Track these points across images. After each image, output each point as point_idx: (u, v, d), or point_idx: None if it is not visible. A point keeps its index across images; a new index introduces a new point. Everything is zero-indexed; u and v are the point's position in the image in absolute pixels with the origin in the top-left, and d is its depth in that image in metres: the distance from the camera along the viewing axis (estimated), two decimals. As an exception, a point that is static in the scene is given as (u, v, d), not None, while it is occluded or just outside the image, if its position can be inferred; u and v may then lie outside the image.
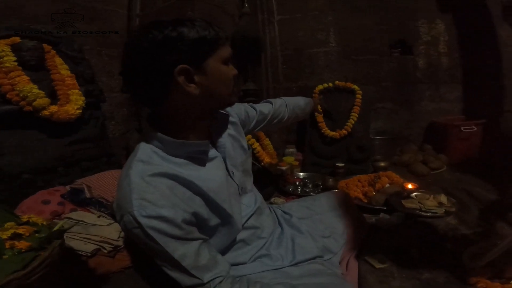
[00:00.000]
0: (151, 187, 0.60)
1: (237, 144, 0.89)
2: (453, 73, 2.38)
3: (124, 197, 0.60)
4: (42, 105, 1.30)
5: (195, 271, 0.62)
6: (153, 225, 0.58)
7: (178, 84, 0.64)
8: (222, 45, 0.69)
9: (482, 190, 1.70)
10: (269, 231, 0.89)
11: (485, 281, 0.84)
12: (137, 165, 0.63)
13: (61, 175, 1.35)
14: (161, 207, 0.59)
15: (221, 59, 0.69)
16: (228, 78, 0.72)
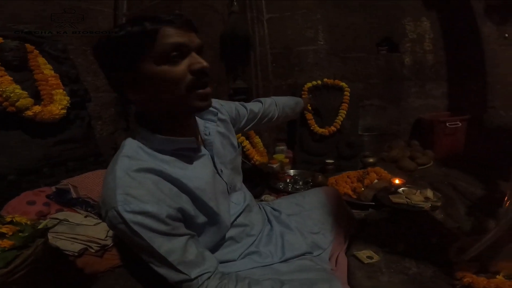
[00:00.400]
0: (136, 182, 0.59)
1: (226, 141, 0.88)
2: (438, 70, 2.43)
3: (109, 193, 0.59)
4: (26, 105, 1.28)
5: (182, 267, 0.61)
6: (137, 220, 0.57)
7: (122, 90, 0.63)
8: (154, 40, 0.58)
9: (468, 185, 1.74)
10: (259, 228, 0.90)
11: (471, 275, 0.85)
12: (123, 161, 0.62)
13: (47, 176, 1.33)
14: (146, 203, 0.58)
15: (154, 58, 0.59)
16: (169, 79, 0.60)
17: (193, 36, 0.63)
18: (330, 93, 2.25)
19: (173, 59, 0.59)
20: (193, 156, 0.72)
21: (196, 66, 0.61)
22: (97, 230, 1.03)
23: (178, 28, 0.60)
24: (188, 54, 0.62)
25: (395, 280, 0.94)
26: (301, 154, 2.24)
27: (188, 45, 0.61)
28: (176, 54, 0.60)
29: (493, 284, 0.80)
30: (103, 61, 0.64)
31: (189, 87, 0.61)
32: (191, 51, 0.62)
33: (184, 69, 0.61)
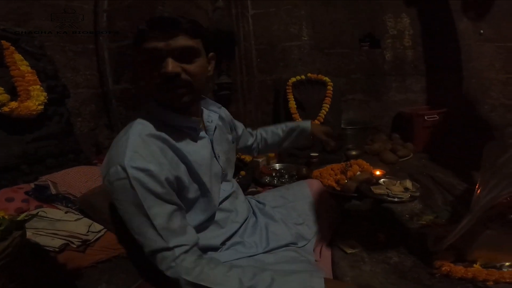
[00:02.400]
0: (145, 144, 0.65)
1: (223, 135, 0.94)
2: (417, 65, 2.50)
3: (119, 150, 0.64)
4: (2, 101, 1.24)
5: (164, 232, 0.62)
6: (138, 176, 0.61)
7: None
8: (141, 42, 0.66)
9: (445, 176, 1.80)
10: (243, 216, 0.91)
11: (449, 264, 0.87)
12: (137, 126, 0.68)
13: (25, 173, 1.30)
14: (149, 162, 0.62)
15: (141, 54, 0.67)
16: (144, 76, 0.68)
17: (174, 40, 0.66)
18: (314, 87, 2.28)
19: (150, 61, 0.66)
20: (195, 136, 0.79)
21: (161, 71, 0.66)
22: (78, 225, 1.02)
23: (160, 32, 0.65)
24: (166, 58, 0.66)
25: (377, 269, 0.97)
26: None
27: (162, 50, 0.65)
28: (151, 58, 0.66)
29: (470, 272, 0.83)
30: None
31: (158, 88, 0.68)
32: (168, 55, 0.66)
33: (155, 72, 0.67)
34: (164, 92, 0.69)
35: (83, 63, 2.06)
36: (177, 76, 0.67)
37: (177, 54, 0.67)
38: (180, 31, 0.66)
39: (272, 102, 2.56)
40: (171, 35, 0.65)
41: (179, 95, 0.70)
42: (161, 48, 0.65)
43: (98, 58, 2.12)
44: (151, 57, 0.66)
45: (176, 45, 0.66)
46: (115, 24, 2.08)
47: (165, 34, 0.65)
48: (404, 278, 0.91)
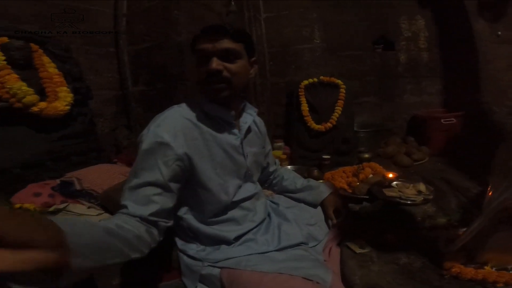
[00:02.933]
0: (173, 119, 0.77)
1: (256, 139, 1.00)
2: (433, 67, 2.46)
3: (155, 120, 0.77)
4: (32, 101, 1.33)
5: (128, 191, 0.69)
6: (151, 140, 0.71)
7: None
8: (195, 45, 0.79)
9: (460, 179, 1.77)
10: (261, 217, 0.95)
11: (459, 266, 0.87)
12: (176, 107, 0.82)
13: (51, 169, 1.38)
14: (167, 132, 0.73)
15: (196, 54, 0.80)
16: (196, 73, 0.80)
17: (222, 43, 0.78)
18: (326, 90, 2.28)
19: (201, 60, 0.78)
20: (227, 130, 0.86)
21: (206, 68, 0.77)
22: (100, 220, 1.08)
23: (205, 37, 0.78)
24: (211, 58, 0.77)
25: (386, 269, 0.97)
26: (298, 150, 2.28)
27: (208, 50, 0.77)
28: (201, 57, 0.78)
29: (480, 274, 0.83)
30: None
31: (203, 83, 0.80)
32: (213, 55, 0.77)
33: (203, 69, 0.78)
34: (208, 85, 0.79)
35: (105, 65, 2.16)
36: (219, 72, 0.77)
37: (221, 55, 0.78)
38: (225, 36, 0.78)
39: (284, 105, 2.58)
40: (217, 39, 0.77)
41: (219, 89, 0.80)
42: (208, 49, 0.77)
43: (119, 60, 2.21)
44: (201, 57, 0.78)
45: (221, 46, 0.77)
46: (134, 27, 2.18)
47: (213, 38, 0.77)
48: (413, 279, 0.91)
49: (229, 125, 0.87)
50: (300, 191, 1.13)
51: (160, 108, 0.83)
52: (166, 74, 2.06)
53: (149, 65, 2.13)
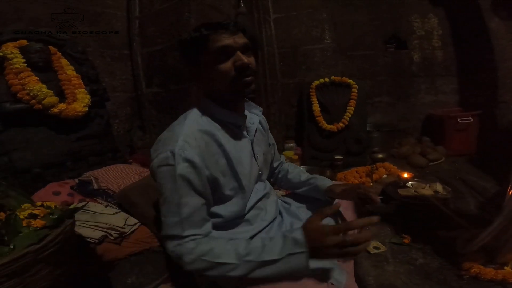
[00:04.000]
0: (195, 137, 0.72)
1: (262, 137, 0.98)
2: (448, 66, 2.42)
3: (171, 139, 0.71)
4: (51, 103, 1.37)
5: (185, 222, 0.68)
6: (183, 166, 0.67)
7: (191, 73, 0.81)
8: (207, 42, 0.74)
9: (478, 179, 1.74)
10: (272, 215, 0.94)
11: (478, 266, 0.86)
12: (191, 118, 0.77)
13: (69, 169, 1.42)
14: (196, 154, 0.69)
15: (208, 56, 0.74)
16: (218, 73, 0.74)
17: (238, 37, 0.75)
18: (337, 90, 2.27)
19: (221, 57, 0.73)
20: (238, 134, 0.84)
21: (238, 63, 0.73)
22: (117, 218, 1.10)
23: (226, 32, 0.74)
24: (234, 53, 0.74)
25: (401, 269, 0.96)
26: (309, 151, 2.27)
27: (232, 46, 0.74)
28: (223, 55, 0.74)
29: (500, 274, 0.81)
30: (181, 58, 0.83)
31: (232, 79, 0.75)
32: (236, 50, 0.74)
33: (230, 65, 0.74)
34: (238, 81, 0.75)
35: (119, 68, 2.21)
36: (249, 65, 0.75)
37: (241, 49, 0.75)
38: (239, 30, 0.76)
39: (295, 105, 2.58)
40: (235, 34, 0.75)
41: (249, 83, 0.77)
42: (232, 44, 0.73)
43: (132, 63, 2.25)
44: (220, 54, 0.73)
45: (241, 41, 0.75)
46: (146, 30, 2.21)
47: (232, 33, 0.74)
48: (429, 279, 0.90)
49: (239, 128, 0.85)
50: (305, 185, 1.09)
51: (172, 110, 0.83)
52: (178, 76, 2.08)
53: (162, 67, 2.16)
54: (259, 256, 0.65)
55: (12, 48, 1.38)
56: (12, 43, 1.41)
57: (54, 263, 0.68)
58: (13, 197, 0.77)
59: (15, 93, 1.32)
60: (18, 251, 0.60)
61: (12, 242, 0.62)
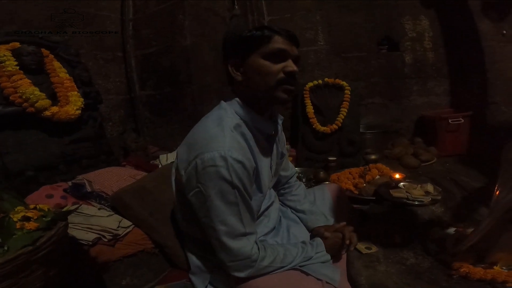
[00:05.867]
0: (238, 139, 0.74)
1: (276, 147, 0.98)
2: (439, 67, 2.46)
3: (216, 139, 0.71)
4: (44, 106, 1.37)
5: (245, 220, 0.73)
6: (236, 167, 0.68)
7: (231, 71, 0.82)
8: (267, 42, 0.76)
9: (470, 180, 1.76)
10: (274, 222, 0.96)
11: (468, 265, 0.87)
12: (229, 120, 0.77)
13: (62, 172, 1.42)
14: (243, 155, 0.71)
15: (262, 55, 0.77)
16: (267, 72, 0.76)
17: (294, 48, 0.80)
18: (331, 92, 2.30)
19: (275, 59, 0.76)
20: (264, 142, 0.86)
21: (289, 68, 0.77)
22: (110, 221, 1.10)
23: (285, 39, 0.78)
24: (286, 59, 0.78)
25: (392, 269, 0.97)
26: (304, 152, 2.29)
27: (288, 52, 0.78)
28: (277, 57, 0.77)
29: (489, 274, 0.82)
30: (228, 50, 0.86)
31: (278, 81, 0.77)
32: (289, 57, 0.78)
33: (279, 68, 0.77)
34: (282, 85, 0.77)
35: (113, 70, 2.20)
36: (296, 74, 0.78)
37: (294, 60, 0.79)
38: (296, 44, 0.81)
39: (289, 107, 2.60)
40: (292, 44, 0.79)
41: (292, 90, 0.80)
42: (288, 50, 0.77)
43: (126, 65, 2.25)
44: (276, 56, 0.76)
45: (295, 52, 0.80)
46: (140, 32, 2.21)
47: (290, 42, 0.78)
48: (420, 279, 0.91)
49: (266, 136, 0.86)
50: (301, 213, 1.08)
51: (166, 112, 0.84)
52: (173, 78, 2.09)
53: (156, 69, 2.16)
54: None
55: (5, 50, 1.37)
56: (4, 46, 1.40)
57: (48, 264, 0.68)
58: (6, 200, 0.78)
59: (7, 96, 1.31)
60: (12, 252, 0.60)
61: (6, 244, 0.63)
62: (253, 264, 0.73)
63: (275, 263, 0.76)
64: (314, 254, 0.82)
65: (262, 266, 0.74)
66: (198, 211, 0.74)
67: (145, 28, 2.19)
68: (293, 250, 0.81)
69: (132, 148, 1.97)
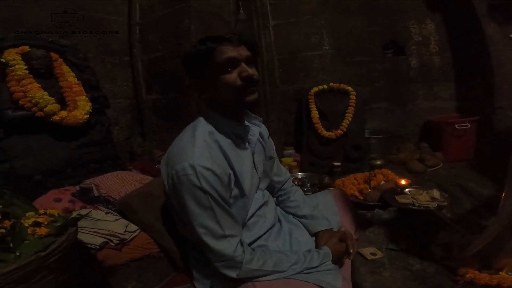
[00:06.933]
0: (209, 147, 0.76)
1: (262, 147, 1.00)
2: (445, 71, 2.44)
3: (186, 150, 0.74)
4: (53, 110, 1.38)
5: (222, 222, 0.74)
6: (205, 174, 0.71)
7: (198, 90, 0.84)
8: (213, 56, 0.77)
9: (476, 185, 1.74)
10: (271, 222, 0.96)
11: (473, 271, 0.85)
12: (201, 129, 0.80)
13: (70, 176, 1.43)
14: (213, 163, 0.73)
15: (215, 67, 0.78)
16: (225, 84, 0.78)
17: (242, 50, 0.79)
18: (336, 97, 2.29)
19: (227, 68, 0.77)
20: (240, 146, 0.88)
21: (244, 74, 0.78)
22: (117, 225, 1.11)
23: (231, 45, 0.78)
24: (239, 65, 0.78)
25: (397, 275, 0.95)
26: (308, 157, 2.28)
27: (237, 58, 0.78)
28: (229, 66, 0.78)
29: (495, 280, 0.81)
30: (185, 68, 0.86)
31: (239, 89, 0.78)
32: (241, 62, 0.79)
33: (235, 76, 0.78)
34: (243, 91, 0.79)
35: (120, 74, 2.22)
36: (253, 77, 0.79)
37: (245, 61, 0.80)
38: (242, 43, 0.80)
39: (294, 112, 2.60)
40: (239, 46, 0.79)
41: (253, 92, 0.81)
42: (237, 56, 0.78)
43: (133, 69, 2.27)
44: (227, 65, 0.77)
45: (245, 53, 0.80)
46: (147, 36, 2.23)
47: (236, 45, 0.79)
48: (425, 284, 0.90)
49: (241, 139, 0.88)
50: (302, 218, 1.07)
51: (172, 117, 0.86)
52: (179, 83, 2.10)
53: (162, 74, 2.17)
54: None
55: (14, 54, 1.39)
56: (14, 49, 1.41)
57: (58, 270, 0.69)
58: (17, 205, 0.79)
59: (17, 100, 1.33)
60: (24, 258, 0.62)
61: (17, 249, 0.64)
62: (239, 266, 0.75)
63: (265, 267, 0.77)
64: (319, 264, 0.83)
65: (249, 269, 0.76)
66: (182, 216, 0.80)
67: (152, 32, 2.21)
68: (291, 256, 0.81)
69: (138, 152, 1.98)
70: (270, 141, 1.08)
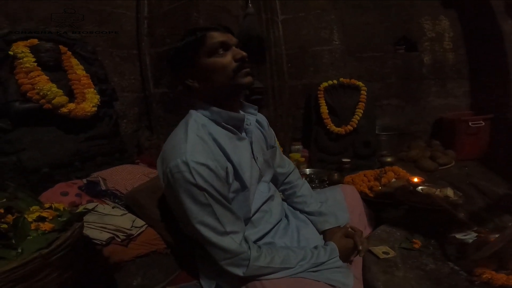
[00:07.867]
0: (203, 141, 0.74)
1: (261, 137, 0.99)
2: (459, 68, 2.37)
3: (178, 146, 0.72)
4: (61, 103, 1.37)
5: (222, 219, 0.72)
6: (199, 170, 0.68)
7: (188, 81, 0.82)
8: (205, 41, 0.78)
9: (490, 185, 1.70)
10: (277, 218, 0.94)
11: (490, 272, 0.84)
12: (193, 124, 0.78)
13: (78, 169, 1.42)
14: (207, 158, 0.71)
15: (207, 54, 0.78)
16: (221, 66, 0.78)
17: (231, 36, 0.82)
18: (346, 92, 2.25)
19: (220, 52, 0.78)
20: (237, 137, 0.85)
21: (238, 55, 0.79)
22: (124, 220, 1.09)
23: (219, 32, 0.80)
24: (230, 48, 0.80)
25: (411, 275, 0.94)
26: (317, 153, 2.25)
27: (228, 42, 0.80)
28: (221, 49, 0.79)
29: None
30: (173, 64, 0.85)
31: (235, 70, 0.79)
32: (232, 46, 0.81)
33: (230, 59, 0.79)
34: (240, 72, 0.79)
35: (128, 68, 2.21)
36: (246, 57, 0.80)
37: (235, 45, 0.81)
38: (231, 32, 0.84)
39: (302, 107, 2.56)
40: (227, 34, 0.82)
41: (249, 74, 0.82)
42: (227, 41, 0.79)
43: (141, 63, 2.26)
44: (220, 49, 0.78)
45: (234, 39, 0.82)
46: (155, 30, 2.22)
47: (224, 32, 0.81)
48: (440, 284, 0.88)
49: (238, 129, 0.86)
50: (310, 215, 1.04)
51: (179, 110, 0.83)
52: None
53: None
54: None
55: (23, 47, 1.38)
56: (22, 42, 1.41)
57: (62, 267, 0.67)
58: (21, 199, 0.77)
59: (25, 93, 1.32)
60: (26, 255, 0.59)
61: (20, 245, 0.61)
62: (245, 263, 0.73)
63: (273, 264, 0.75)
64: (327, 260, 0.80)
65: (257, 266, 0.73)
66: (180, 216, 0.78)
67: (160, 26, 2.19)
68: (299, 253, 0.80)
69: (145, 146, 1.98)
70: (270, 130, 1.07)
